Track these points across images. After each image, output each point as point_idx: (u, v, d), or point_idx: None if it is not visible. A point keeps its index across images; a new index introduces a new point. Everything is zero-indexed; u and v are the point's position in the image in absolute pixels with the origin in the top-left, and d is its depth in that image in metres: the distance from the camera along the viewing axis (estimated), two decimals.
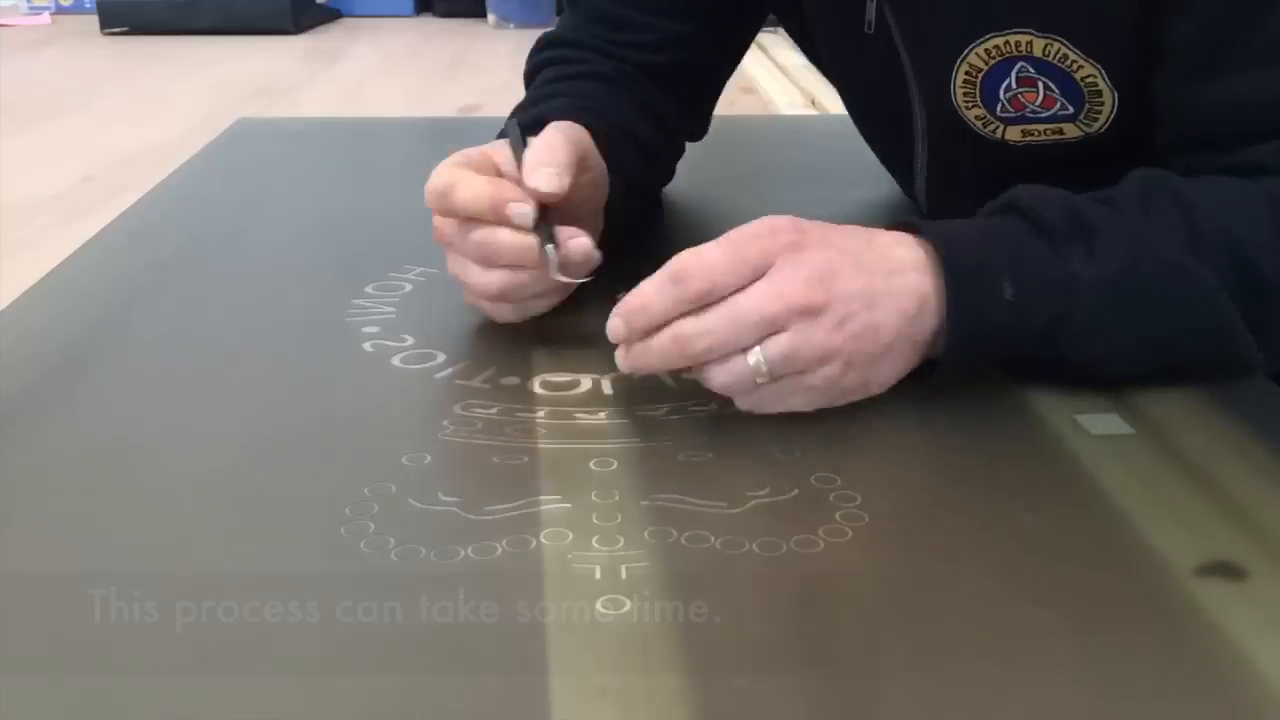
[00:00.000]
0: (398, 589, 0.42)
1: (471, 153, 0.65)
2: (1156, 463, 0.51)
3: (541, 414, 0.55)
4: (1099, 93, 0.67)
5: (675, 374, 0.57)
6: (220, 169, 1.02)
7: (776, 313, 0.52)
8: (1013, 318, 0.55)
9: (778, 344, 0.52)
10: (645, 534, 0.45)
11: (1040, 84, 0.68)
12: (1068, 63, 0.66)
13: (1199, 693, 0.38)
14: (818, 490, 0.49)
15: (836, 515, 0.47)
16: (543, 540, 0.45)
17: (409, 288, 0.71)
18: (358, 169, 1.03)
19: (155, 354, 0.62)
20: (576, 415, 0.55)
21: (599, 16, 0.83)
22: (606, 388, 0.58)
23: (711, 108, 0.90)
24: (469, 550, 0.44)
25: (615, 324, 0.54)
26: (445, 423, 0.54)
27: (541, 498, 0.48)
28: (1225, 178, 0.60)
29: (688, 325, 0.52)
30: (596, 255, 0.61)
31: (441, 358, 0.61)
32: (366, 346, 0.62)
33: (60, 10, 3.35)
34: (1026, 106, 0.69)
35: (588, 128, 0.68)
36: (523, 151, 0.62)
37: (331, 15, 3.17)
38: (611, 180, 0.69)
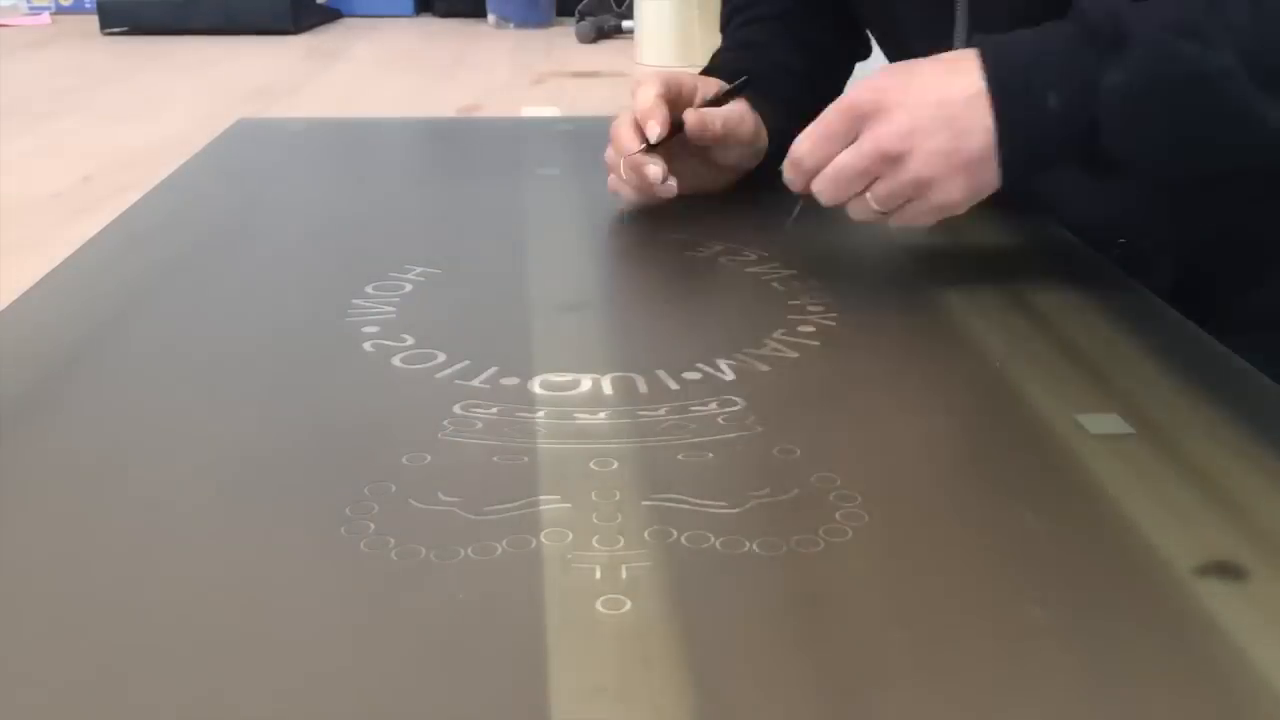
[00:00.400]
0: (398, 589, 0.42)
1: (671, 76, 0.83)
2: (1156, 463, 0.51)
3: (541, 414, 0.55)
4: None
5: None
6: (220, 169, 1.02)
7: (867, 166, 0.65)
8: (1059, 124, 0.64)
9: (879, 186, 0.66)
10: (645, 534, 0.45)
11: None
12: None
13: (1199, 692, 0.38)
14: (818, 490, 0.49)
15: (837, 515, 0.47)
16: (543, 540, 0.45)
17: (409, 287, 0.71)
18: (358, 169, 1.03)
19: (155, 354, 0.62)
20: (576, 415, 0.55)
21: None
22: (606, 388, 0.58)
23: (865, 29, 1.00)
24: (469, 550, 0.44)
25: (790, 178, 0.70)
26: (445, 423, 0.54)
27: (541, 498, 0.48)
28: None
29: (814, 187, 0.68)
30: (672, 184, 0.79)
31: (442, 357, 0.61)
32: (367, 346, 0.62)
33: (60, 10, 3.35)
34: None
35: (749, 71, 0.85)
36: (725, 98, 0.83)
37: (331, 15, 3.16)
38: (772, 106, 0.86)
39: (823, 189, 0.68)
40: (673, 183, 0.79)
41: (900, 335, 0.65)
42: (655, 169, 0.78)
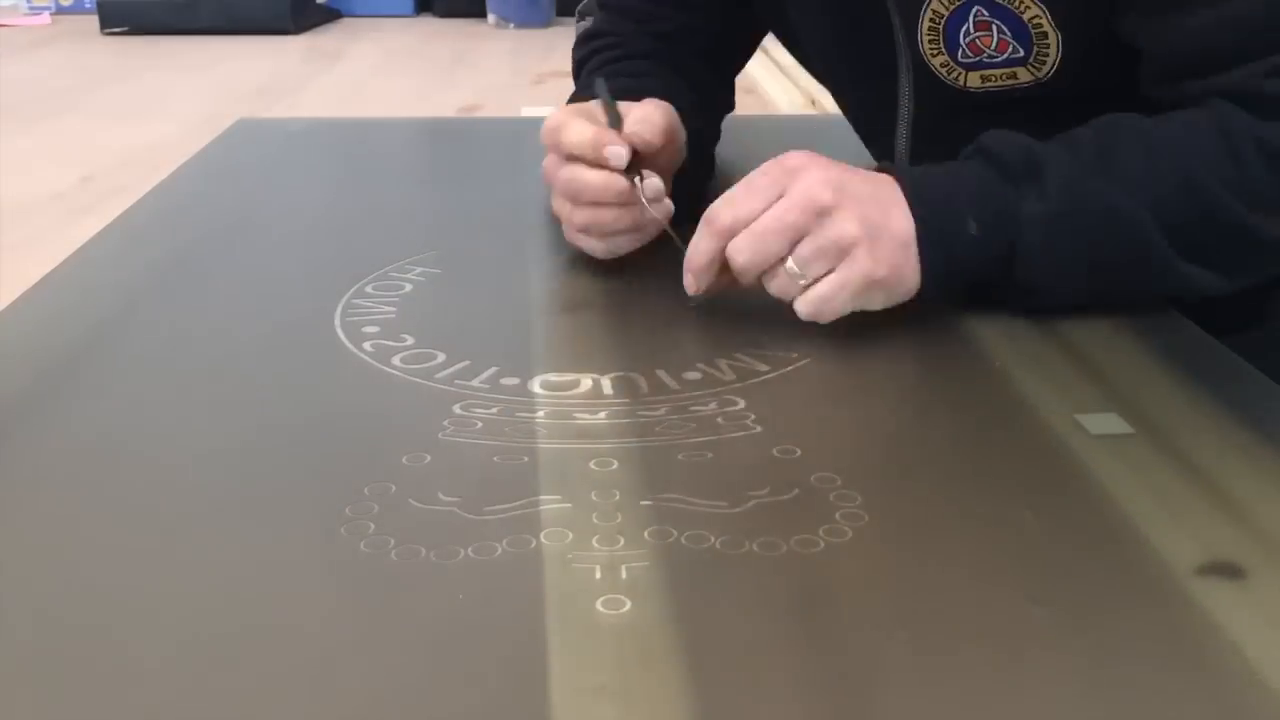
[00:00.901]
0: (398, 589, 0.42)
1: (579, 106, 0.75)
2: (1156, 463, 0.51)
3: (541, 414, 0.55)
4: (1044, 34, 0.72)
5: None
6: (220, 169, 1.02)
7: (795, 218, 0.61)
8: (977, 250, 0.64)
9: (804, 245, 0.61)
10: (645, 534, 0.45)
11: (994, 27, 0.73)
12: (1015, 3, 0.72)
13: (1199, 692, 0.38)
14: (818, 490, 0.49)
15: (837, 515, 0.47)
16: (543, 540, 0.45)
17: (409, 287, 0.71)
18: (358, 169, 1.03)
19: (154, 354, 0.62)
20: (576, 415, 0.55)
21: (624, 11, 0.94)
22: (606, 388, 0.58)
23: (734, 78, 0.99)
24: (469, 550, 0.44)
25: (687, 279, 0.65)
26: (445, 423, 0.54)
27: (541, 498, 0.48)
28: (1181, 114, 0.67)
29: (730, 249, 0.62)
30: (669, 202, 0.70)
31: (441, 357, 0.61)
32: (367, 346, 0.62)
33: (60, 10, 3.35)
34: (983, 51, 0.75)
35: (639, 92, 0.77)
36: (613, 108, 0.73)
37: (331, 15, 3.16)
38: (677, 106, 0.78)
39: (742, 248, 0.62)
40: (668, 203, 0.71)
41: (900, 335, 0.64)
42: (656, 180, 0.70)
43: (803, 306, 0.62)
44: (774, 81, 3.51)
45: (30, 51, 2.72)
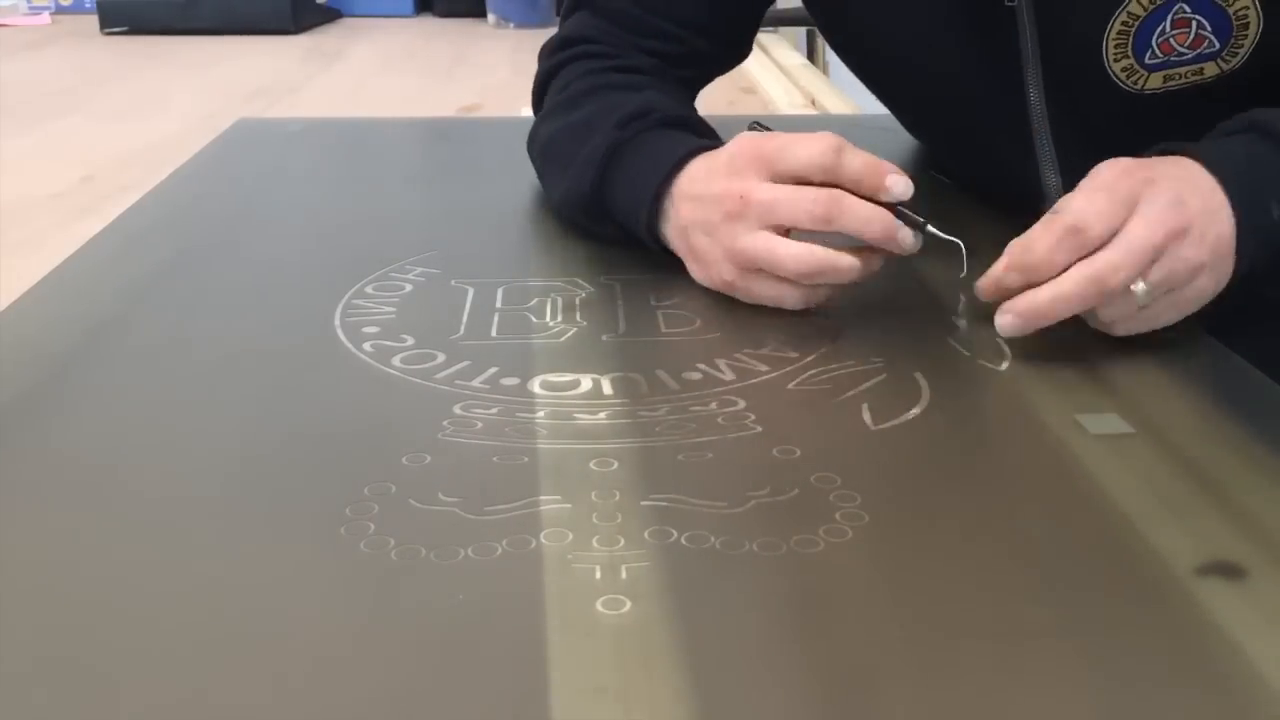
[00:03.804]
0: (398, 589, 0.42)
1: (761, 142, 0.66)
2: (1156, 463, 0.51)
3: (541, 414, 0.55)
4: (1246, 24, 0.71)
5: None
6: (220, 169, 1.02)
7: (1160, 240, 0.58)
8: (1277, 235, 0.61)
9: (1159, 269, 0.58)
10: (645, 534, 0.45)
11: (1194, 23, 0.71)
12: None
13: (1199, 692, 0.38)
14: (818, 490, 0.49)
15: (837, 515, 0.47)
16: (543, 540, 0.45)
17: (409, 288, 0.71)
18: (357, 169, 1.03)
19: (153, 354, 0.62)
20: (576, 415, 0.55)
21: (618, 18, 0.87)
22: (606, 388, 0.58)
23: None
24: (469, 551, 0.44)
25: (1012, 277, 0.60)
26: (445, 423, 0.54)
27: (541, 498, 0.48)
28: None
29: (1101, 265, 0.58)
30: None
31: (441, 358, 0.61)
32: (367, 347, 0.62)
33: (60, 10, 3.35)
34: (1174, 50, 0.72)
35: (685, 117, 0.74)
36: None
37: (331, 15, 3.16)
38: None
39: (1117, 264, 0.58)
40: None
41: (901, 335, 0.65)
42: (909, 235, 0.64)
43: (1134, 326, 0.61)
44: (774, 81, 3.51)
45: (30, 51, 2.72)
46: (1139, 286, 0.58)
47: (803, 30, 3.56)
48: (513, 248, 0.79)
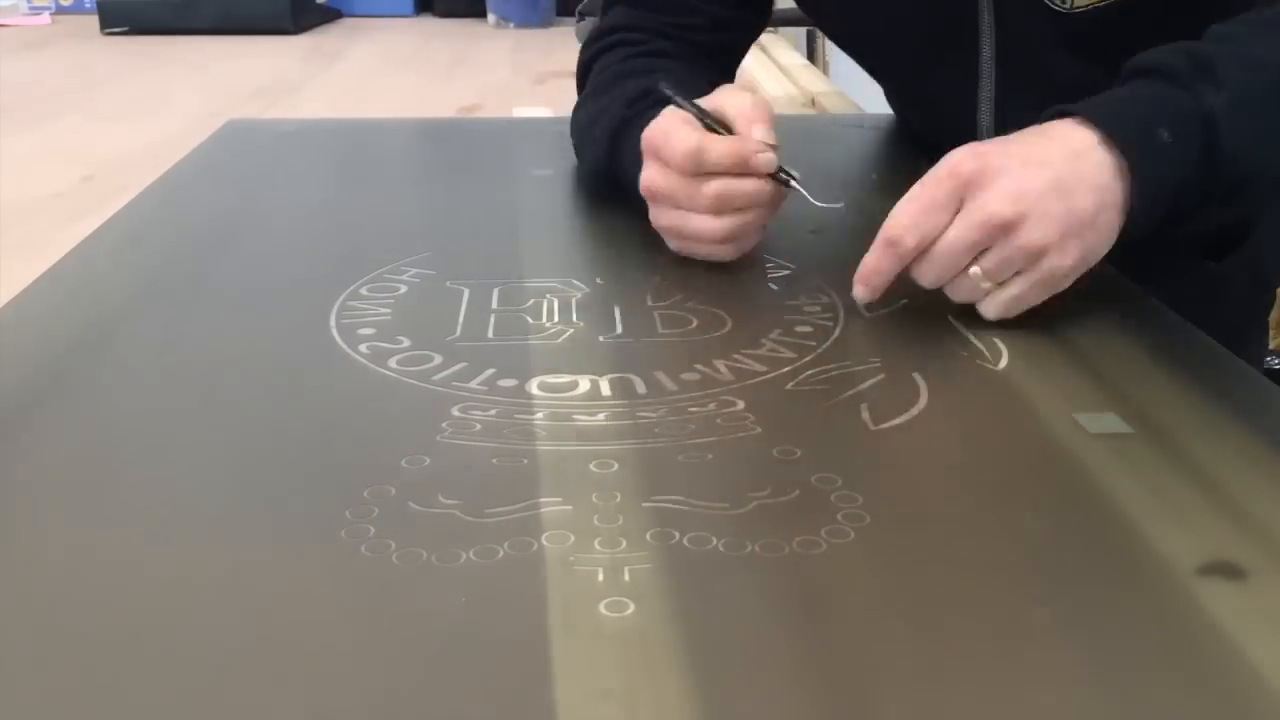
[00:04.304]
0: (399, 593, 0.42)
1: (677, 118, 0.73)
2: (1156, 462, 0.51)
3: (540, 416, 0.55)
4: None
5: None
6: (210, 171, 1.01)
7: (978, 238, 0.61)
8: (1177, 156, 0.63)
9: (989, 258, 0.62)
10: (647, 536, 0.45)
11: None
12: None
13: (1199, 693, 0.38)
14: (819, 491, 0.49)
15: (838, 516, 0.47)
16: (544, 543, 0.45)
17: (404, 289, 0.71)
18: (349, 169, 1.03)
19: (147, 358, 0.62)
20: (575, 417, 0.55)
21: (644, 2, 0.95)
22: (604, 388, 0.58)
23: (733, 75, 1.00)
24: (470, 553, 0.44)
25: (859, 292, 0.65)
26: (444, 425, 0.54)
27: (542, 500, 0.48)
28: None
29: (915, 273, 0.63)
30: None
31: (438, 359, 0.61)
32: (363, 348, 0.62)
33: (60, 10, 3.35)
34: None
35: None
36: (700, 113, 0.72)
37: (331, 15, 3.16)
38: None
39: (925, 271, 0.63)
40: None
41: (899, 335, 0.65)
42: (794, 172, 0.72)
43: (991, 309, 0.64)
44: (774, 81, 3.51)
45: (30, 51, 2.71)
46: (974, 270, 0.62)
47: (803, 30, 3.56)
48: (508, 248, 0.79)
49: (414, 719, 0.36)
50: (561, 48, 2.43)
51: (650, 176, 0.73)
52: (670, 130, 0.71)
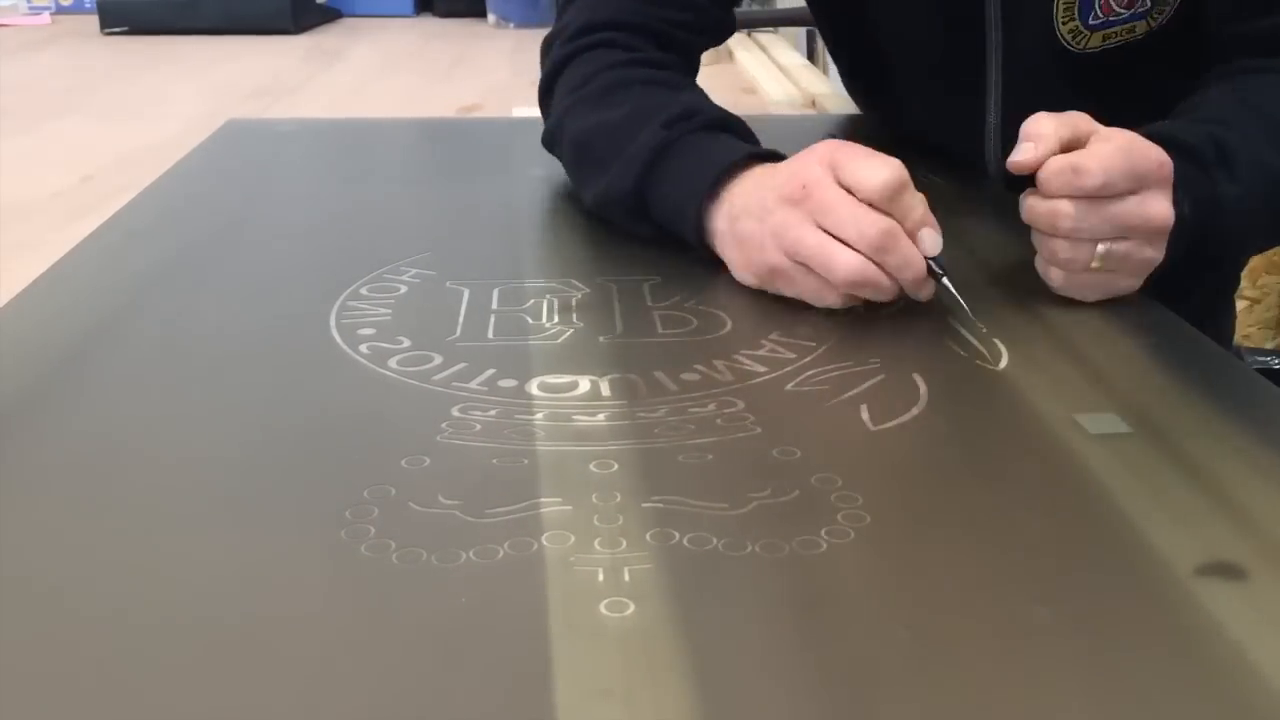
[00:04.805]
0: (399, 593, 0.42)
1: (829, 154, 0.66)
2: (1156, 463, 0.51)
3: (540, 416, 0.55)
4: None
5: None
6: (210, 171, 1.01)
7: (1138, 227, 0.64)
8: (1185, 234, 0.66)
9: (1123, 246, 0.65)
10: (647, 536, 0.45)
11: None
12: None
13: (1199, 692, 0.38)
14: (819, 491, 0.49)
15: (838, 516, 0.47)
16: (544, 543, 0.45)
17: (404, 289, 0.71)
18: (349, 170, 1.03)
19: (147, 358, 0.62)
20: (575, 417, 0.55)
21: None
22: (604, 389, 0.58)
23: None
24: (470, 553, 0.44)
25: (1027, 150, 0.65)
26: (444, 425, 0.54)
27: (542, 500, 0.48)
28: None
29: (1067, 210, 0.64)
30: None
31: (438, 359, 0.61)
32: (363, 349, 0.62)
33: (60, 10, 3.35)
34: (1113, 10, 0.82)
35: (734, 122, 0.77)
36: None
37: (331, 15, 3.16)
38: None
39: (1079, 218, 0.64)
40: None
41: (899, 335, 0.65)
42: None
43: (1060, 280, 0.67)
44: (774, 81, 3.51)
45: (30, 51, 2.71)
46: (1102, 247, 0.65)
47: (803, 30, 3.56)
48: (507, 249, 0.79)
49: (414, 719, 0.36)
50: None
51: (814, 179, 0.64)
52: (861, 154, 0.65)
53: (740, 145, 0.74)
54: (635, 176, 0.75)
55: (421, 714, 0.37)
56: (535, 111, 0.92)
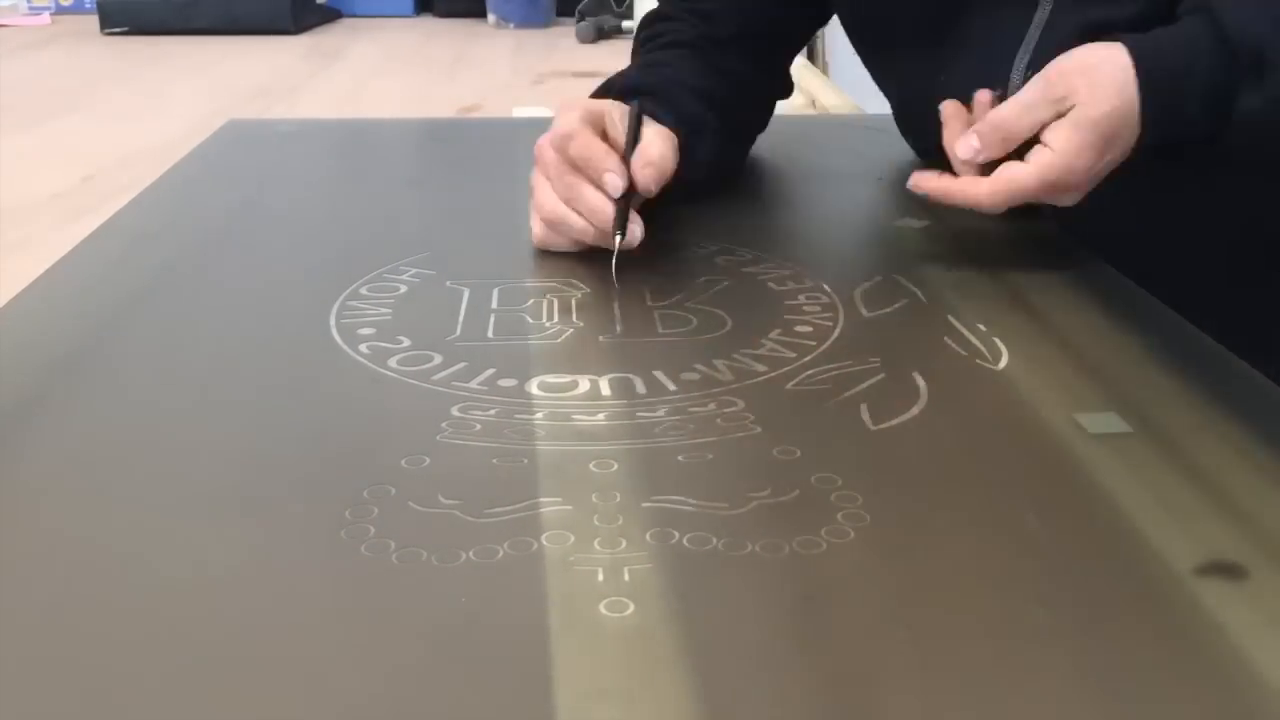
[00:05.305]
0: (399, 593, 0.42)
1: (595, 107, 0.77)
2: (1156, 462, 0.51)
3: (540, 416, 0.55)
4: None
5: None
6: (210, 171, 1.01)
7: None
8: (1186, 126, 0.70)
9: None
10: (647, 536, 0.45)
11: None
12: None
13: (1199, 693, 0.38)
14: (819, 491, 0.49)
15: (838, 516, 0.47)
16: (544, 543, 0.45)
17: (404, 289, 0.71)
18: (349, 170, 1.03)
19: (146, 358, 0.62)
20: (575, 417, 0.55)
21: None
22: (604, 389, 0.58)
23: (787, 67, 1.02)
24: (470, 553, 0.44)
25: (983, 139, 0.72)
26: (444, 425, 0.54)
27: (542, 500, 0.48)
28: None
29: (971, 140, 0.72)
30: (635, 234, 0.73)
31: (438, 359, 0.61)
32: (363, 348, 0.62)
33: (60, 10, 3.35)
34: None
35: (652, 91, 0.83)
36: (636, 130, 0.76)
37: (331, 15, 3.16)
38: (678, 131, 0.79)
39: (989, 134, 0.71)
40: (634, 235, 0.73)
41: (898, 335, 0.65)
42: (638, 229, 0.73)
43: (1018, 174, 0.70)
44: None
45: (30, 51, 2.71)
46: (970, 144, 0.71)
47: None
48: (507, 248, 0.79)
49: (414, 719, 0.36)
50: (561, 48, 2.42)
51: (546, 150, 0.75)
52: (569, 121, 0.74)
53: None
54: None
55: (421, 714, 0.37)
56: (536, 111, 0.92)
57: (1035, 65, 0.82)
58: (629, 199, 0.73)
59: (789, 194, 0.96)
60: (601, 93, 0.85)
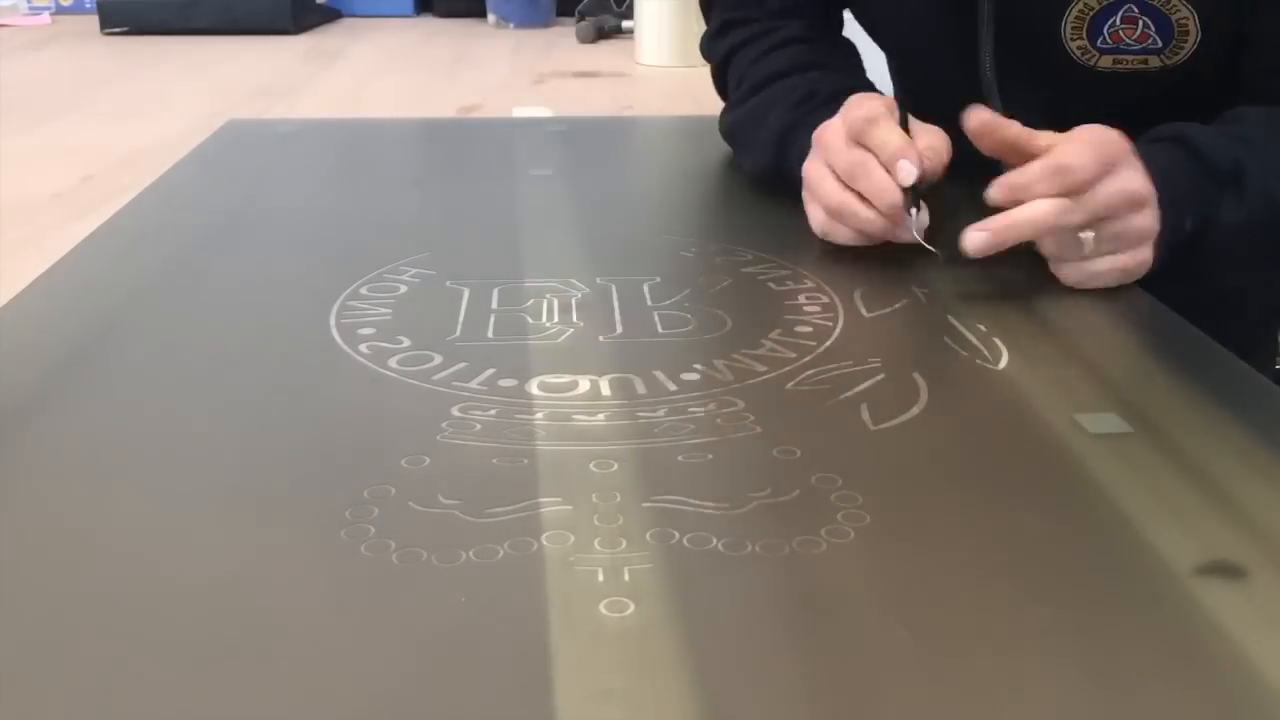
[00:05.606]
0: (399, 593, 0.42)
1: (886, 101, 0.76)
2: (1156, 462, 0.51)
3: (540, 416, 0.55)
4: (1186, 32, 0.81)
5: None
6: (210, 171, 1.02)
7: (1120, 204, 0.67)
8: (1182, 247, 0.70)
9: (1107, 227, 0.67)
10: (647, 536, 0.45)
11: (1140, 22, 0.82)
12: (1168, 6, 0.80)
13: (1199, 693, 0.38)
14: (819, 491, 0.49)
15: (839, 516, 0.47)
16: (544, 543, 0.45)
17: (404, 289, 0.71)
18: (349, 169, 1.03)
19: (146, 358, 0.62)
20: (575, 417, 0.55)
21: None
22: (604, 389, 0.58)
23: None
24: (471, 553, 0.44)
25: (994, 193, 0.68)
26: (444, 425, 0.54)
27: (542, 500, 0.48)
28: None
29: (1049, 208, 0.66)
30: (924, 217, 0.72)
31: (438, 359, 0.61)
32: (363, 348, 0.62)
33: (60, 10, 3.35)
34: (1123, 40, 0.83)
35: (855, 87, 0.82)
36: (905, 123, 0.74)
37: (331, 15, 3.16)
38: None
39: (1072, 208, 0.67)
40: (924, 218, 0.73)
41: (898, 335, 0.65)
42: (925, 217, 0.72)
43: (1073, 274, 0.69)
44: None
45: (30, 51, 2.71)
46: (1087, 234, 0.67)
47: None
48: (507, 248, 0.79)
49: (413, 719, 0.36)
50: (561, 48, 2.42)
51: (819, 133, 0.76)
52: (872, 106, 0.74)
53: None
54: (771, 156, 0.88)
55: (421, 714, 0.37)
56: (536, 111, 0.92)
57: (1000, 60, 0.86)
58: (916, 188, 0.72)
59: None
60: (805, 100, 0.87)
